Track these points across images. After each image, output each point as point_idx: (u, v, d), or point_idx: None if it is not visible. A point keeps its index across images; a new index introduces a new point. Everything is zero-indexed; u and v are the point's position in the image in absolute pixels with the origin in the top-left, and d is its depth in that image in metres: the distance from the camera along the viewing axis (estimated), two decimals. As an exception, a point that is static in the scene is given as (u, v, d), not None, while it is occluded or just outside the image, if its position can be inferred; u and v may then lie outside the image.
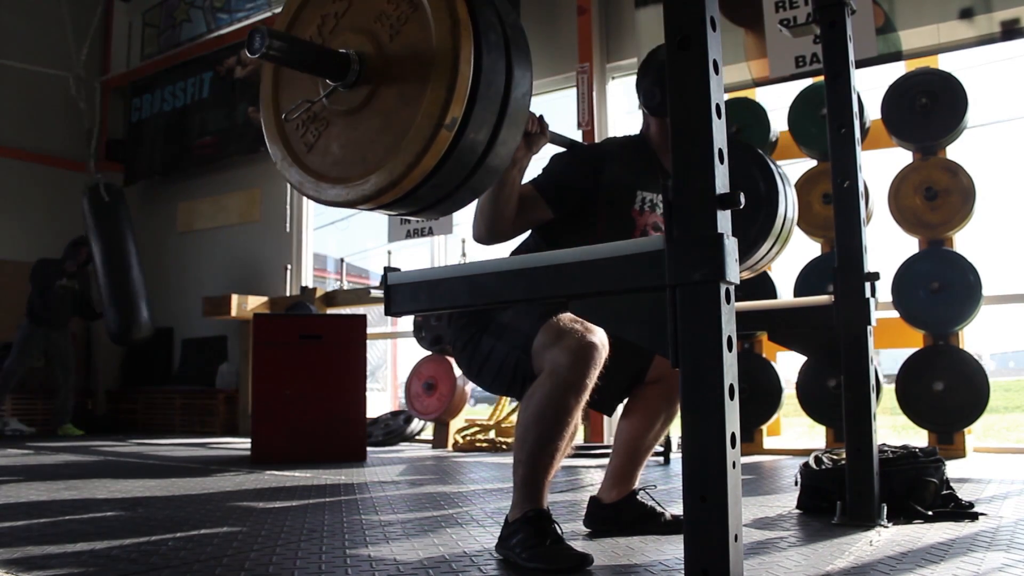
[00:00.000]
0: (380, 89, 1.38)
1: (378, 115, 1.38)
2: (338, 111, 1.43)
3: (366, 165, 1.38)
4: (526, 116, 1.44)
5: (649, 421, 2.08)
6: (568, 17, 5.57)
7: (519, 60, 1.39)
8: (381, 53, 1.38)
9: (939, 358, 3.94)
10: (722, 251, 1.21)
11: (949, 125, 4.01)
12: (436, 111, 1.30)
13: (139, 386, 7.64)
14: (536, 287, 1.46)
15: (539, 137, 1.85)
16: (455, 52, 1.30)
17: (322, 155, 1.45)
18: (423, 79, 1.32)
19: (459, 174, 1.38)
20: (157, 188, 8.21)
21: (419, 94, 1.32)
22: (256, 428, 4.28)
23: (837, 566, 1.68)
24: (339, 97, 1.42)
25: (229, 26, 7.62)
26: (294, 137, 1.49)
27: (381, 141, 1.37)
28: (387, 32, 1.39)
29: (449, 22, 1.30)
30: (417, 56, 1.34)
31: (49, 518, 2.47)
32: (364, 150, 1.39)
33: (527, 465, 1.76)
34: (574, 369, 1.70)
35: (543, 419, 1.72)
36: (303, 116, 1.47)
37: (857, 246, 2.25)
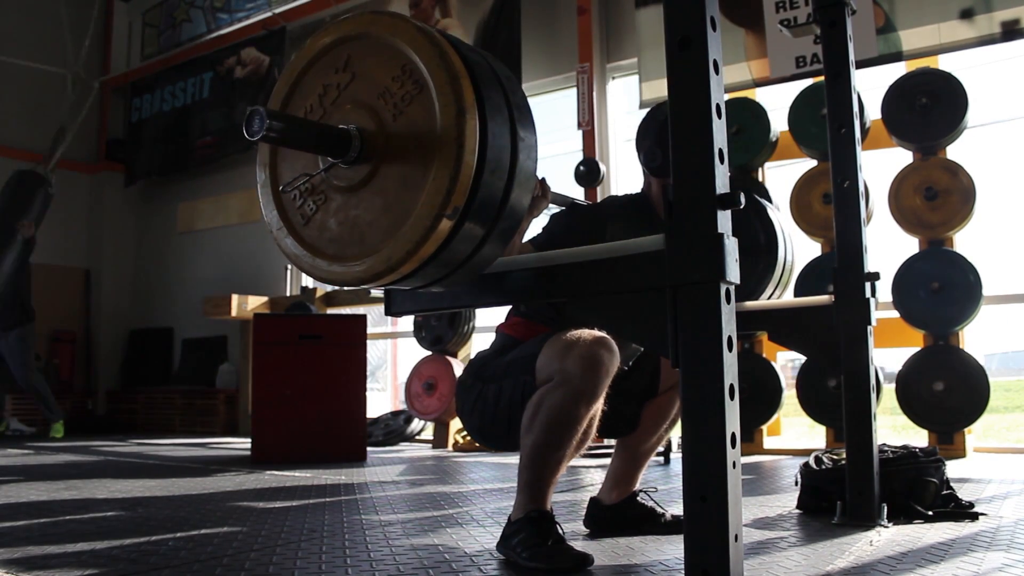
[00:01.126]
0: (381, 168, 1.34)
1: (378, 196, 1.34)
2: (338, 187, 1.39)
3: (363, 247, 1.35)
4: (531, 187, 1.40)
5: (654, 425, 2.08)
6: (568, 17, 5.56)
7: (525, 137, 1.35)
8: (383, 131, 1.34)
9: (939, 358, 3.94)
10: (722, 251, 1.22)
11: (949, 125, 4.00)
12: (438, 200, 1.25)
13: (139, 386, 7.65)
14: (536, 287, 1.46)
15: (540, 200, 1.86)
16: (460, 141, 1.25)
17: (319, 230, 1.41)
18: (426, 164, 1.28)
19: (458, 258, 1.35)
20: (157, 188, 8.22)
21: (421, 180, 1.28)
22: (256, 428, 4.28)
23: (837, 566, 1.68)
24: (339, 173, 1.38)
25: (229, 26, 7.61)
26: (291, 207, 1.45)
27: (380, 224, 1.33)
28: (391, 111, 1.34)
29: (455, 108, 1.26)
30: (420, 139, 1.30)
31: (49, 518, 2.47)
32: (362, 231, 1.36)
33: (531, 470, 1.75)
34: (586, 377, 1.67)
35: (553, 427, 1.70)
36: (300, 189, 1.43)
37: (857, 246, 2.25)
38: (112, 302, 8.03)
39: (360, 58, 1.40)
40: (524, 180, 1.36)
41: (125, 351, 8.05)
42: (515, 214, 1.37)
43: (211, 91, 7.63)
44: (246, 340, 6.27)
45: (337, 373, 4.40)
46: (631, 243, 1.35)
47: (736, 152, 4.43)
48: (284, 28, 7.04)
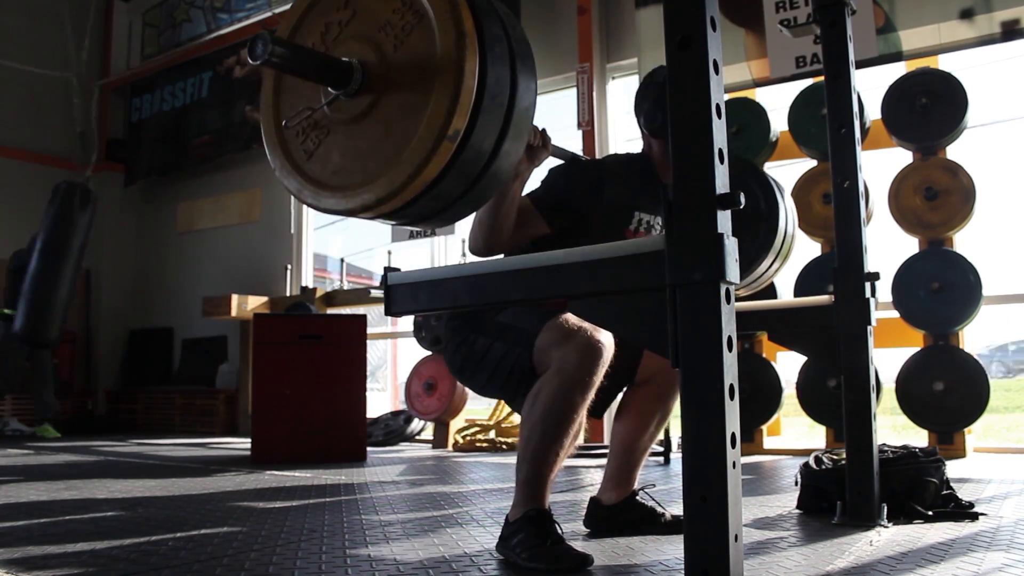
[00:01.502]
0: (383, 99, 1.37)
1: (380, 124, 1.37)
2: (339, 119, 1.42)
3: (366, 174, 1.37)
4: (529, 129, 1.43)
5: (643, 421, 2.09)
6: (568, 17, 5.56)
7: (524, 73, 1.37)
8: (384, 62, 1.37)
9: (939, 358, 3.94)
10: (722, 251, 1.21)
11: (949, 125, 4.01)
12: (439, 122, 1.28)
13: (139, 386, 7.64)
14: (536, 287, 1.46)
15: (541, 150, 1.85)
16: (460, 64, 1.28)
17: (322, 163, 1.44)
18: (427, 89, 1.31)
19: (460, 186, 1.37)
20: (157, 188, 8.22)
21: (422, 105, 1.31)
22: (256, 428, 4.28)
23: (837, 566, 1.68)
24: (341, 105, 1.41)
25: (229, 26, 7.62)
26: (294, 144, 1.48)
27: (382, 151, 1.36)
28: (391, 41, 1.37)
29: (454, 33, 1.29)
30: (421, 66, 1.33)
31: (49, 518, 2.47)
32: (365, 159, 1.38)
33: (531, 462, 1.76)
34: (582, 366, 1.71)
35: (550, 416, 1.73)
36: (303, 123, 1.46)
37: (857, 246, 2.25)
38: (112, 302, 8.02)
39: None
40: (524, 109, 1.38)
41: (125, 351, 8.05)
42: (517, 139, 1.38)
43: (210, 91, 7.63)
44: (246, 340, 6.27)
45: (337, 373, 4.40)
46: (631, 243, 1.35)
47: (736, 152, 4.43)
48: (284, 28, 7.04)
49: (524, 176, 1.85)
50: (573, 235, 1.95)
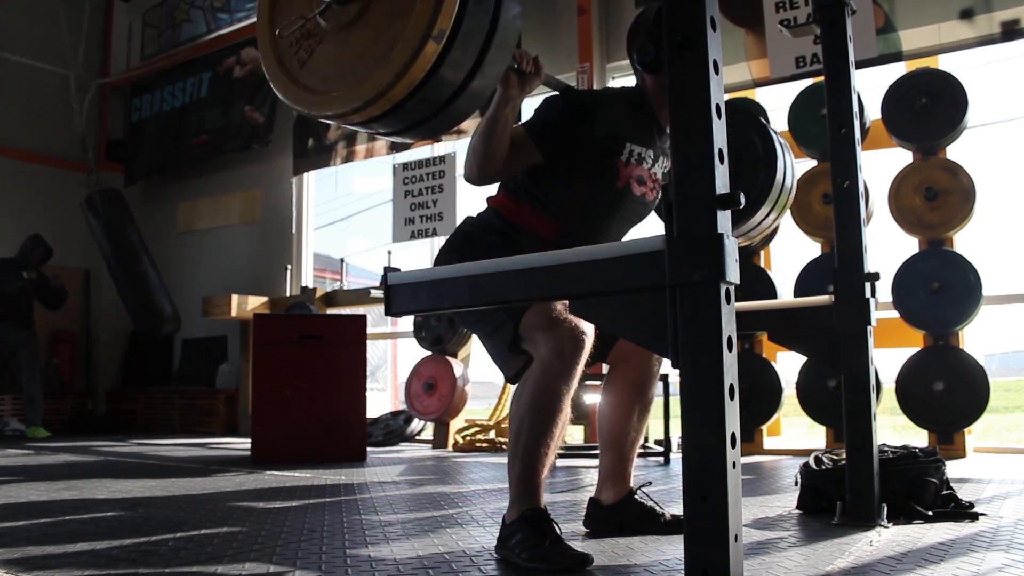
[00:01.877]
0: (372, 4, 1.42)
1: (369, 29, 1.42)
2: (331, 28, 1.47)
3: (356, 77, 1.42)
4: (515, 39, 1.47)
5: (624, 415, 2.09)
6: (568, 17, 5.57)
7: None
8: None
9: (939, 358, 3.94)
10: (722, 251, 1.21)
11: (949, 125, 4.01)
12: (424, 22, 1.33)
13: (139, 386, 7.64)
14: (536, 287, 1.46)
15: (533, 77, 1.85)
16: None
17: (314, 71, 1.50)
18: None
19: (446, 89, 1.40)
20: (157, 188, 8.22)
21: (408, 7, 1.35)
22: (256, 428, 4.28)
23: (837, 566, 1.68)
24: (332, 14, 1.46)
25: (229, 26, 7.62)
26: (288, 55, 1.54)
27: (370, 54, 1.40)
28: None
29: None
30: None
31: (49, 518, 2.47)
32: (354, 63, 1.43)
33: (523, 458, 1.77)
34: (564, 357, 1.74)
35: (536, 409, 1.76)
36: (297, 33, 1.51)
37: (857, 246, 2.25)
38: (112, 302, 8.01)
39: None
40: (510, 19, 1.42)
41: (125, 351, 8.05)
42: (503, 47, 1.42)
43: (210, 91, 7.63)
44: (246, 340, 6.27)
45: (337, 373, 4.40)
46: (631, 243, 1.35)
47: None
48: (284, 28, 7.04)
49: (516, 102, 1.84)
50: (565, 162, 1.96)
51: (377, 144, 6.43)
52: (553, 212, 1.97)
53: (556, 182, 1.97)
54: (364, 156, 6.58)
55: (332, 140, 6.67)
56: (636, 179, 2.01)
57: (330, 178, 11.21)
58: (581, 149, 1.96)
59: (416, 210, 5.74)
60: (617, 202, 2.00)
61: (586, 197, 1.98)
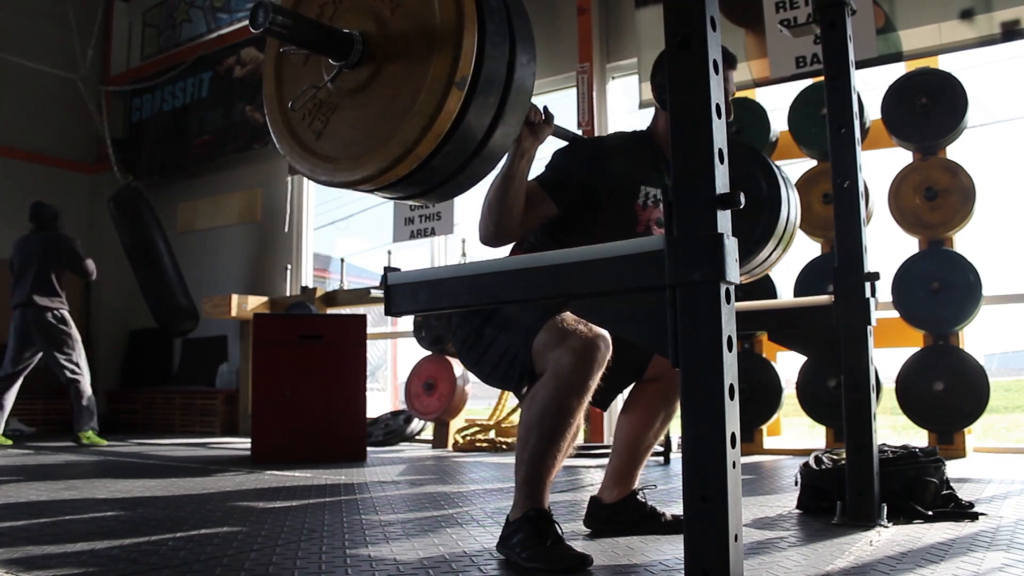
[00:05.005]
0: (385, 64, 1.38)
1: (386, 86, 1.37)
2: (344, 92, 1.42)
3: (378, 138, 1.36)
4: (532, 84, 1.43)
5: (648, 420, 2.08)
6: (568, 17, 5.56)
7: (520, 25, 1.39)
8: (384, 29, 1.38)
9: (939, 358, 3.94)
10: (722, 251, 1.21)
11: (949, 125, 4.01)
12: (445, 71, 1.29)
13: (139, 386, 7.64)
14: (536, 287, 1.46)
15: (544, 126, 1.85)
16: (459, 15, 1.29)
17: (332, 139, 1.44)
18: (429, 45, 1.32)
19: (473, 138, 1.36)
20: (157, 188, 8.20)
21: (426, 59, 1.32)
22: (256, 428, 4.28)
23: (837, 566, 1.68)
24: (344, 78, 1.41)
25: (229, 26, 7.62)
26: (301, 128, 1.48)
27: (392, 111, 1.35)
28: (387, 6, 1.39)
29: None
30: (421, 25, 1.34)
31: (49, 518, 2.47)
32: (375, 124, 1.38)
33: (529, 465, 1.76)
34: (578, 370, 1.69)
35: (546, 419, 1.72)
36: (309, 105, 1.46)
37: (857, 246, 2.25)
38: (112, 302, 8.02)
39: None
40: (526, 60, 1.39)
41: (125, 351, 8.05)
42: (523, 91, 1.39)
43: (210, 91, 7.63)
44: (246, 340, 6.26)
45: (337, 373, 4.40)
46: (631, 243, 1.34)
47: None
48: (284, 28, 7.04)
49: (530, 153, 1.84)
50: (582, 213, 1.95)
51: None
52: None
53: (574, 233, 1.95)
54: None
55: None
56: (656, 221, 2.01)
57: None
58: (597, 197, 1.95)
59: (416, 210, 5.74)
60: None
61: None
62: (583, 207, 1.95)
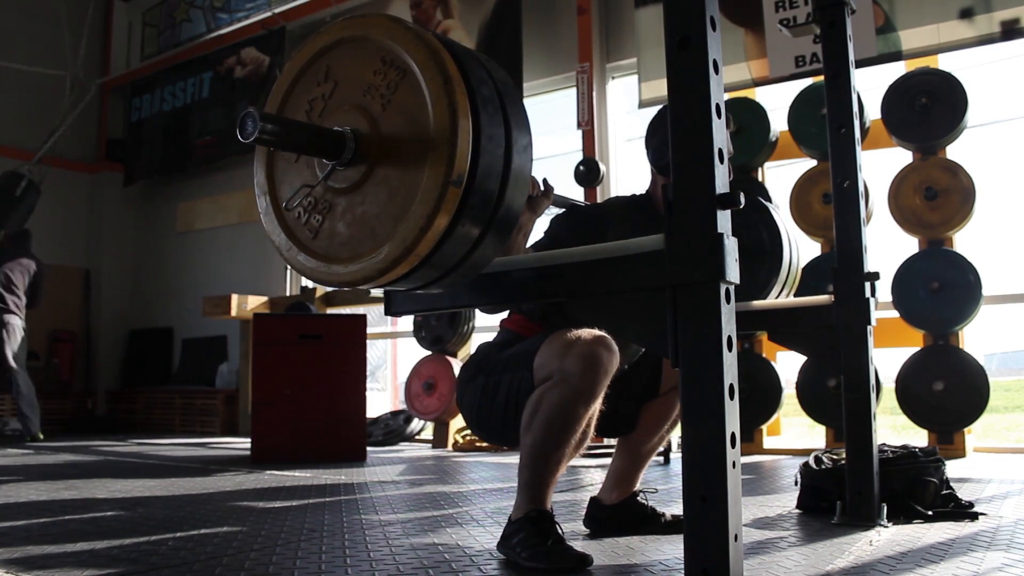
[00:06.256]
0: (380, 161, 1.34)
1: (382, 185, 1.34)
2: (339, 191, 1.38)
3: (376, 238, 1.33)
4: (530, 168, 1.41)
5: (655, 425, 2.08)
6: (568, 17, 5.56)
7: (514, 111, 1.36)
8: (375, 126, 1.34)
9: (939, 358, 3.94)
10: (722, 251, 1.21)
11: (949, 125, 4.01)
12: (442, 170, 1.26)
13: (139, 386, 7.64)
14: (536, 287, 1.46)
15: (542, 199, 1.86)
16: (452, 109, 1.26)
17: (329, 238, 1.40)
18: (423, 141, 1.29)
19: (472, 233, 1.33)
20: (157, 188, 8.22)
21: (421, 156, 1.28)
22: (256, 428, 4.28)
23: (837, 566, 1.68)
24: (338, 176, 1.37)
25: (229, 26, 7.62)
26: (297, 227, 1.45)
27: (389, 211, 1.32)
28: (378, 103, 1.35)
29: (441, 79, 1.27)
30: (413, 120, 1.30)
31: (49, 518, 2.47)
32: (372, 224, 1.35)
33: (532, 469, 1.75)
34: (585, 377, 1.67)
35: (551, 426, 1.69)
36: (303, 204, 1.43)
37: (857, 246, 2.25)
38: (112, 302, 8.03)
39: (339, 65, 1.40)
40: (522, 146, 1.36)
41: (125, 351, 8.05)
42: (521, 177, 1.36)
43: (211, 91, 7.63)
44: (246, 340, 6.26)
45: (337, 373, 4.40)
46: (631, 243, 1.34)
47: (736, 152, 4.43)
48: (284, 28, 7.05)
49: (527, 228, 1.85)
50: None
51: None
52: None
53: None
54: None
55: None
56: None
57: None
58: None
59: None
60: None
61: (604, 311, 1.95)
62: None
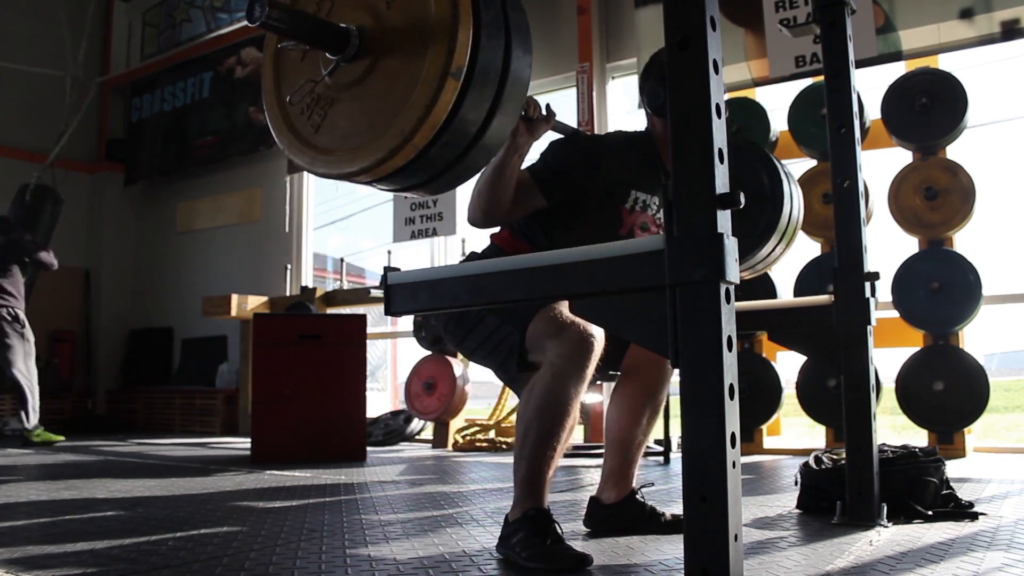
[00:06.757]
0: (382, 57, 1.40)
1: (383, 79, 1.39)
2: (342, 85, 1.44)
3: (375, 130, 1.39)
4: (528, 77, 1.45)
5: (634, 416, 2.09)
6: (568, 17, 5.57)
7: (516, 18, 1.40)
8: (380, 23, 1.40)
9: (939, 358, 3.94)
10: (722, 251, 1.21)
11: (949, 125, 4.00)
12: (441, 62, 1.31)
13: (139, 386, 7.64)
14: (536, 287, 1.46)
15: (541, 122, 1.85)
16: (455, 8, 1.31)
17: (330, 132, 1.46)
18: (424, 38, 1.34)
19: (470, 129, 1.38)
20: (157, 188, 8.22)
21: (422, 51, 1.34)
22: (256, 428, 4.28)
23: (837, 566, 1.68)
24: (342, 72, 1.43)
25: (229, 26, 7.62)
26: (300, 122, 1.51)
27: (388, 103, 1.37)
28: (384, 1, 1.40)
29: None
30: (416, 18, 1.35)
31: (49, 518, 2.47)
32: (372, 116, 1.40)
33: (529, 460, 1.77)
34: (574, 361, 1.73)
35: (545, 412, 1.74)
36: (307, 99, 1.48)
37: (857, 246, 2.25)
38: (112, 302, 8.02)
39: None
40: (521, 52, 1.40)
41: (125, 351, 8.05)
42: (519, 83, 1.40)
43: (211, 91, 7.63)
44: (246, 340, 6.26)
45: (337, 373, 4.40)
46: (631, 243, 1.34)
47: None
48: (284, 28, 7.04)
49: (523, 149, 1.85)
50: (568, 209, 1.96)
51: (377, 144, 6.41)
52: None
53: (559, 226, 1.97)
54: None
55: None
56: (640, 226, 2.02)
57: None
58: (586, 196, 1.96)
59: (416, 210, 5.75)
60: None
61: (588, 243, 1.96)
62: (570, 203, 1.96)
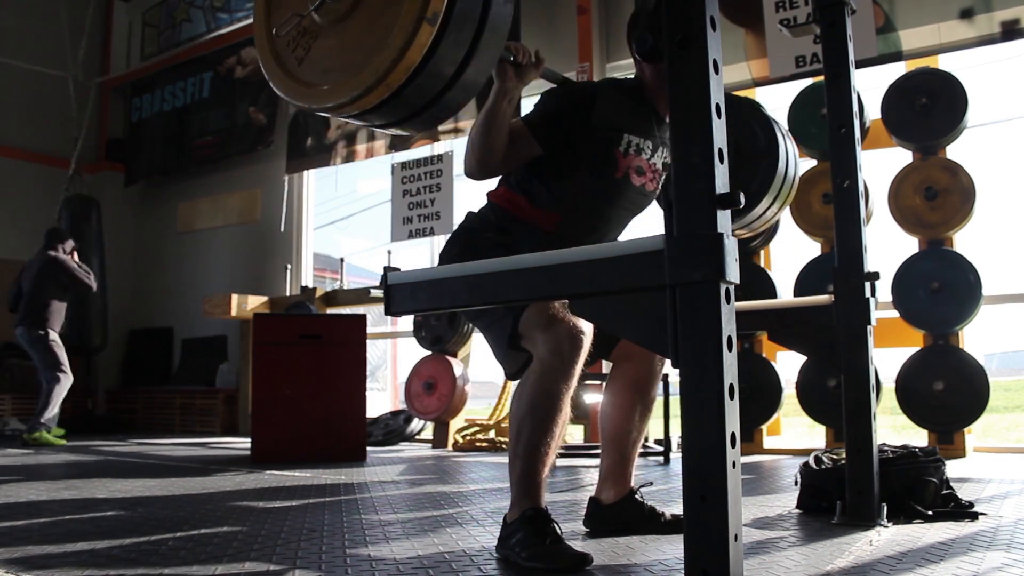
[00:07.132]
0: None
1: (363, 19, 1.45)
2: (326, 21, 1.50)
3: (353, 68, 1.45)
4: (507, 26, 1.48)
5: (626, 413, 2.09)
6: (568, 17, 5.57)
7: None
8: None
9: (939, 358, 3.94)
10: (722, 251, 1.21)
11: (949, 125, 4.01)
12: (417, 5, 1.36)
13: (139, 386, 7.64)
14: (536, 287, 1.46)
15: (530, 68, 1.85)
16: None
17: (312, 66, 1.53)
18: None
19: (443, 74, 1.43)
20: (157, 188, 8.22)
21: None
22: (256, 428, 4.28)
23: (837, 566, 1.68)
24: (327, 8, 1.49)
25: (229, 26, 7.62)
26: (285, 53, 1.58)
27: (366, 43, 1.43)
28: None
29: None
30: None
31: (49, 518, 2.47)
32: (351, 54, 1.46)
33: (524, 458, 1.77)
34: (563, 356, 1.74)
35: (536, 409, 1.76)
36: (293, 33, 1.55)
37: (857, 246, 2.25)
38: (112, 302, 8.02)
39: None
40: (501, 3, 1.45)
41: (125, 351, 8.05)
42: (498, 29, 1.45)
43: (211, 91, 7.63)
44: (246, 340, 6.26)
45: (337, 373, 4.40)
46: (631, 243, 1.35)
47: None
48: (284, 28, 7.04)
49: (513, 94, 1.85)
50: (564, 154, 1.96)
51: (377, 143, 6.43)
52: (553, 204, 1.97)
53: (555, 174, 1.98)
54: (365, 156, 6.57)
55: (332, 140, 6.66)
56: (635, 169, 2.01)
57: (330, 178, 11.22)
58: (579, 140, 1.96)
59: (414, 209, 5.75)
60: (616, 192, 2.00)
61: (585, 188, 1.98)
62: (565, 148, 1.96)
